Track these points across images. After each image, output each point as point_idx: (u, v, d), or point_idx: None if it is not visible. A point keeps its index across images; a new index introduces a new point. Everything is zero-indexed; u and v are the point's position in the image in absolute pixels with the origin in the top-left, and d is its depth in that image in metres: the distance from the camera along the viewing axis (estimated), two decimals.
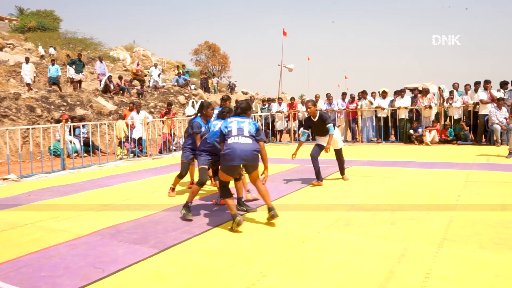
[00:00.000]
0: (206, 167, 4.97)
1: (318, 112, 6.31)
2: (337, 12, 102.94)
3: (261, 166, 4.39)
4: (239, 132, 4.30)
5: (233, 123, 4.38)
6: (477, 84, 11.87)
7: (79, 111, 14.01)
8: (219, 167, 4.48)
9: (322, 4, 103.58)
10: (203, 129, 5.66)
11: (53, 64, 17.23)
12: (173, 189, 6.10)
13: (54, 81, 16.84)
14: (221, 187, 4.44)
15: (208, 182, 6.91)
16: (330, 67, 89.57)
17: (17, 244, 3.93)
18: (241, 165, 4.52)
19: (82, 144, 11.16)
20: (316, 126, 6.43)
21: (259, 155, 4.36)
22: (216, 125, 4.90)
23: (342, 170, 6.82)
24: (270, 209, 4.31)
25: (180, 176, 5.99)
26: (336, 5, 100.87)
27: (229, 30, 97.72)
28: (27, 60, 17.06)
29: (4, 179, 7.74)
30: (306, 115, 15.02)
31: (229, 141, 4.26)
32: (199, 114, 5.83)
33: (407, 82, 19.04)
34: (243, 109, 4.53)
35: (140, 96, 18.07)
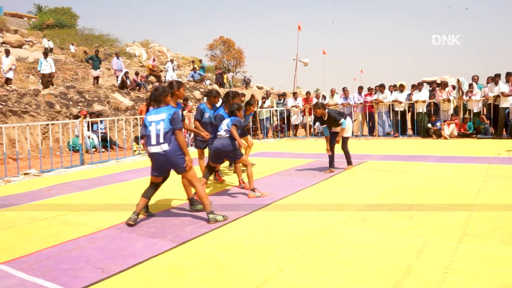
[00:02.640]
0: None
1: (327, 111, 6.89)
2: (347, 10, 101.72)
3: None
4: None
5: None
6: (497, 76, 11.59)
7: (97, 107, 14.21)
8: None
9: (337, 0, 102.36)
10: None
11: (45, 58, 15.58)
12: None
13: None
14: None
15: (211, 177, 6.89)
16: (346, 61, 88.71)
17: (38, 237, 4.03)
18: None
19: (100, 139, 11.33)
20: (328, 123, 7.04)
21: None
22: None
23: (348, 160, 7.31)
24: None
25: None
26: (344, 4, 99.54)
27: (244, 25, 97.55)
28: (7, 53, 14.93)
29: (25, 173, 7.92)
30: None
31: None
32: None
33: (424, 76, 18.75)
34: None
35: None
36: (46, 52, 16.93)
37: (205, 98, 6.57)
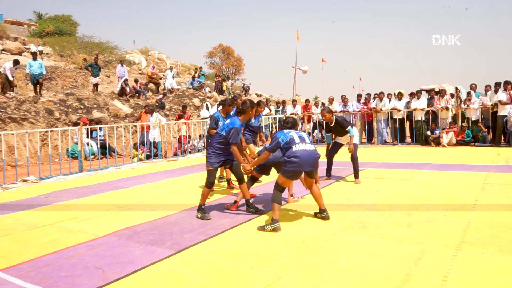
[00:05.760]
0: (214, 169, 4.88)
1: (334, 117, 6.66)
2: (346, 13, 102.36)
3: None
4: (302, 139, 4.42)
5: (292, 133, 4.50)
6: (497, 85, 11.65)
7: (96, 114, 14.23)
8: (283, 172, 4.40)
9: (335, 6, 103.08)
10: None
11: (35, 59, 14.29)
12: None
13: (37, 79, 14.28)
14: (277, 191, 4.37)
15: (225, 183, 6.96)
16: (345, 69, 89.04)
17: (37, 244, 4.02)
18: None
19: (99, 146, 11.32)
20: (335, 129, 6.84)
21: None
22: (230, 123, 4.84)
23: (356, 173, 6.81)
24: (322, 211, 4.55)
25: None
26: (343, 6, 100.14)
27: (243, 33, 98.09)
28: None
29: (24, 180, 7.90)
30: (319, 117, 15.06)
31: (294, 148, 4.32)
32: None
33: (424, 82, 18.84)
34: (292, 124, 4.79)
35: (162, 105, 17.04)
36: (36, 53, 16.03)
37: (219, 106, 6.52)
